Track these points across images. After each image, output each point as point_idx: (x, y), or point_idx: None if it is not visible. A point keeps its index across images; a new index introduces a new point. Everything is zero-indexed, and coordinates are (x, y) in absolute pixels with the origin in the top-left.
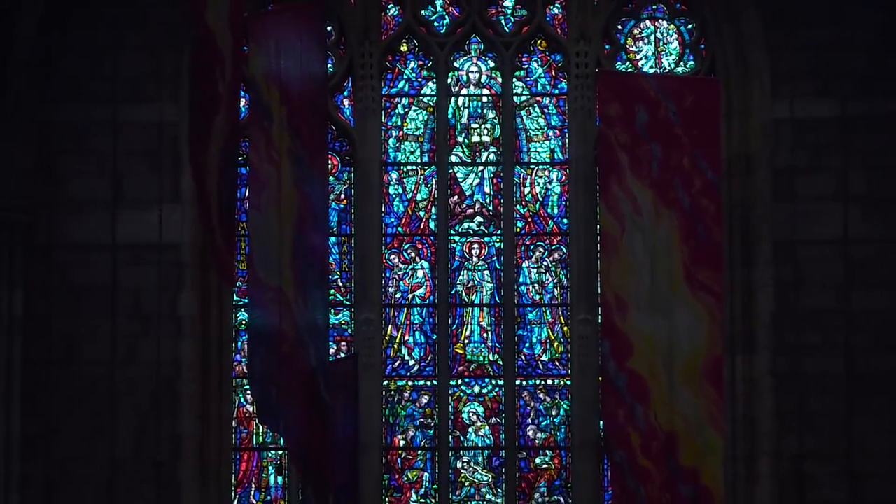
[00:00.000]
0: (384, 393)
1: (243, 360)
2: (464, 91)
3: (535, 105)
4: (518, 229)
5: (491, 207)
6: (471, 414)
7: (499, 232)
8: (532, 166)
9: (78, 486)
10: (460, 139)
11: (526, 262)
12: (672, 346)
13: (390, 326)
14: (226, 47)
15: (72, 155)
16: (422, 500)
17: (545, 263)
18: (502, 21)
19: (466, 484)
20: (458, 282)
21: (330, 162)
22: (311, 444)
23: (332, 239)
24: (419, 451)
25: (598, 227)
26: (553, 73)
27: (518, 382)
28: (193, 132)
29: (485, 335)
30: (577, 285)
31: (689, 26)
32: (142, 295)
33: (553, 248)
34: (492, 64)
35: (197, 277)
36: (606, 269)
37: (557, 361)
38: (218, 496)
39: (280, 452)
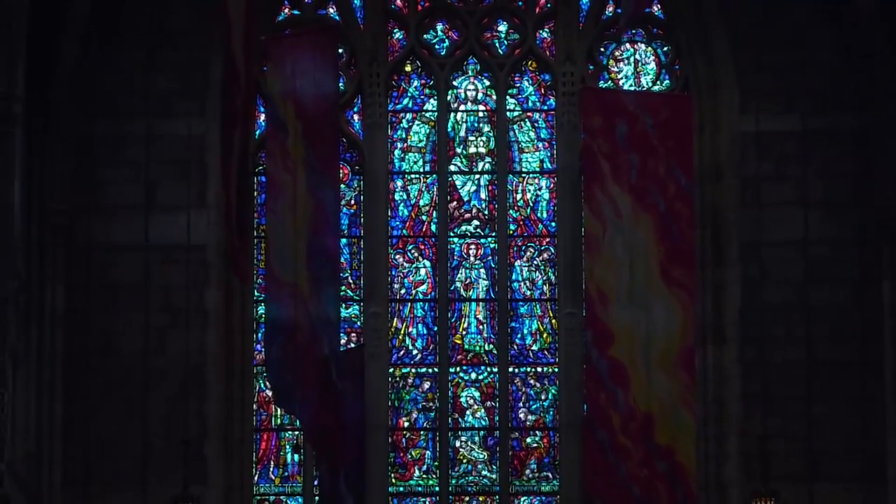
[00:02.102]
0: (390, 379)
1: (263, 349)
2: (462, 107)
3: (527, 120)
4: (511, 231)
5: (486, 212)
6: (468, 398)
7: (493, 234)
8: (523, 175)
9: (114, 463)
10: (459, 150)
11: (518, 261)
12: (649, 336)
13: (395, 319)
14: (242, 67)
15: (109, 164)
16: (424, 476)
17: (535, 262)
18: (497, 44)
19: (464, 461)
20: (456, 279)
21: (341, 171)
22: (324, 426)
23: (343, 240)
24: (421, 432)
25: (583, 228)
26: (542, 91)
27: (511, 370)
28: (222, 144)
29: (481, 327)
30: (563, 282)
31: (665, 49)
32: (172, 291)
33: (542, 248)
34: (487, 83)
35: (221, 275)
36: (590, 266)
37: (546, 350)
38: (240, 472)
39: (296, 433)
